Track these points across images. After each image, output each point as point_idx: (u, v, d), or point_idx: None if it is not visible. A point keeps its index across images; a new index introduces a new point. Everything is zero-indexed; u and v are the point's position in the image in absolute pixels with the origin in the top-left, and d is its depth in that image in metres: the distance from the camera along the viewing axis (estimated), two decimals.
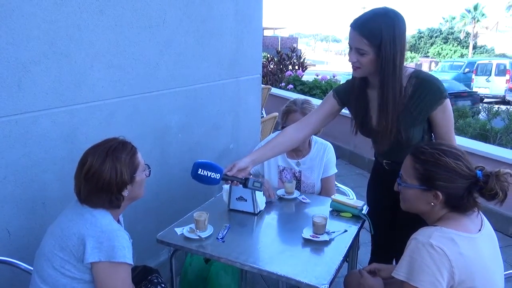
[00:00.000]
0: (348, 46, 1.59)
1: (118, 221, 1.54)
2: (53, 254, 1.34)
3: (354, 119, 1.84)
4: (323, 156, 2.36)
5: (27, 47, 1.68)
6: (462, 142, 3.97)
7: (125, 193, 1.42)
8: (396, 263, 1.68)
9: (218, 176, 1.65)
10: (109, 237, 1.32)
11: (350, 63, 1.62)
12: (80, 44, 1.88)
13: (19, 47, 1.65)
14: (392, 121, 1.63)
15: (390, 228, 1.89)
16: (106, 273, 1.32)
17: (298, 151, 2.37)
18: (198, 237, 1.72)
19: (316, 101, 6.92)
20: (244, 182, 1.68)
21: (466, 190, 1.28)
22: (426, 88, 1.60)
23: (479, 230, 1.31)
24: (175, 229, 1.80)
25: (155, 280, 1.71)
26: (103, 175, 1.35)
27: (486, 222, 1.37)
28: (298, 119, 2.17)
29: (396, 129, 1.66)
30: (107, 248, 1.30)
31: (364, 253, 2.38)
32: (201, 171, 1.64)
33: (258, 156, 1.79)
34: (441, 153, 1.31)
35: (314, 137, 2.40)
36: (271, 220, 1.98)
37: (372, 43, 1.52)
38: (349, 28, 1.58)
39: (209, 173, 1.65)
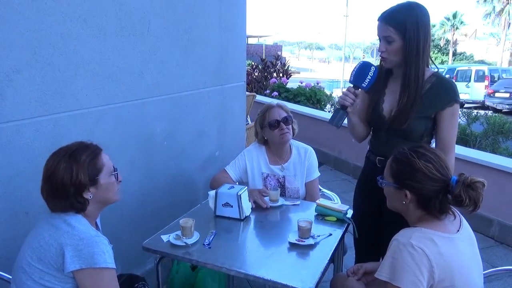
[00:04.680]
0: (378, 39, 1.71)
1: (96, 226, 1.52)
2: (31, 266, 1.32)
3: (368, 105, 1.88)
4: (305, 160, 2.39)
5: (10, 56, 1.67)
6: None
7: (88, 195, 1.38)
8: None
9: (373, 69, 1.67)
10: (88, 243, 1.30)
11: (380, 53, 1.72)
12: (64, 52, 1.88)
13: (2, 56, 1.64)
14: (414, 102, 1.68)
15: (375, 231, 1.92)
16: (91, 280, 1.31)
17: (280, 156, 2.40)
18: (184, 244, 1.72)
19: (301, 108, 6.96)
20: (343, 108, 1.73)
21: (435, 193, 1.32)
22: (443, 86, 1.69)
23: (458, 230, 1.35)
24: (161, 236, 1.80)
25: None
26: (57, 176, 1.33)
27: (464, 222, 1.41)
28: (278, 113, 2.32)
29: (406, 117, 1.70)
30: (87, 255, 1.29)
31: (351, 257, 2.40)
32: (371, 72, 1.67)
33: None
34: (413, 154, 1.35)
35: (294, 141, 2.44)
36: (257, 225, 2.00)
37: (398, 30, 1.64)
38: (377, 22, 1.70)
39: (369, 74, 1.67)
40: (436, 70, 1.76)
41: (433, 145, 1.80)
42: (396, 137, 1.76)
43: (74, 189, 1.34)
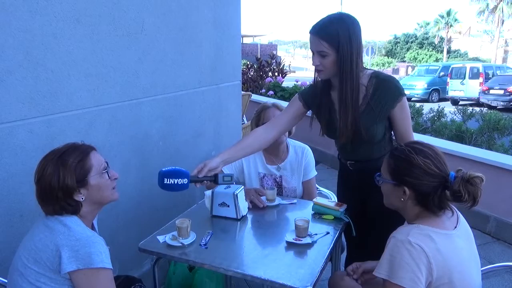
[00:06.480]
0: (311, 52, 1.68)
1: (93, 227, 1.51)
2: (27, 268, 1.31)
3: (319, 121, 1.89)
4: (302, 159, 2.38)
5: (1, 56, 1.65)
6: (439, 143, 4.07)
7: (80, 197, 1.36)
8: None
9: (185, 181, 1.63)
10: (85, 244, 1.29)
11: (314, 66, 1.71)
12: (57, 53, 1.86)
13: None
14: (352, 116, 1.70)
15: (360, 228, 1.92)
16: (87, 281, 1.29)
17: (277, 155, 2.39)
18: (180, 244, 1.70)
19: None
20: (214, 179, 1.69)
21: (434, 189, 1.31)
22: (386, 86, 1.70)
23: (455, 227, 1.35)
24: (157, 237, 1.78)
25: None
26: (45, 180, 1.32)
27: (462, 219, 1.41)
28: (273, 114, 2.29)
29: (358, 127, 1.71)
30: (84, 256, 1.28)
31: None
32: (167, 181, 1.62)
33: (229, 157, 1.79)
34: (411, 150, 1.35)
35: (291, 140, 2.43)
36: (253, 225, 1.99)
37: (331, 45, 1.61)
38: (309, 34, 1.67)
39: (176, 181, 1.62)
40: (372, 70, 1.75)
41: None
42: (360, 144, 1.78)
43: (62, 193, 1.32)
